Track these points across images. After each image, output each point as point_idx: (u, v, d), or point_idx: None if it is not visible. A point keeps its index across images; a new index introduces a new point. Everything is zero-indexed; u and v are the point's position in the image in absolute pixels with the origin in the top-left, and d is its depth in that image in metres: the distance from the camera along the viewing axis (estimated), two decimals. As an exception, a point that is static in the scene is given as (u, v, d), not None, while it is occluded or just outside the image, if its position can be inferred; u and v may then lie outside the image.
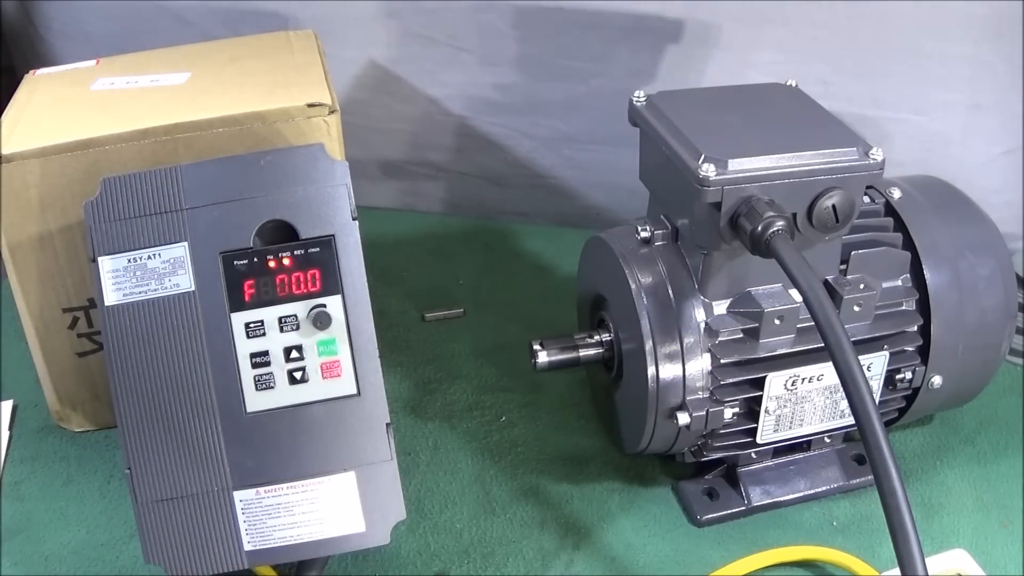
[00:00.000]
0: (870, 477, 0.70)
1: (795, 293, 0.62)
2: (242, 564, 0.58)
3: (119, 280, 0.58)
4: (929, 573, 0.45)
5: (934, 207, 0.70)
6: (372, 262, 0.60)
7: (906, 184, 0.71)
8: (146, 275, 0.58)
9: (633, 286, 0.65)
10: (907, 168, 0.76)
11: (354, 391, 0.59)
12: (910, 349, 0.67)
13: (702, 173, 0.57)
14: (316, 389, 0.59)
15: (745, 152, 0.58)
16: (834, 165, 0.59)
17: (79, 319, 0.72)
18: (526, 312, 0.91)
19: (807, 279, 0.52)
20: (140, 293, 0.58)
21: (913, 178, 0.74)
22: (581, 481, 0.73)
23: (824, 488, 0.71)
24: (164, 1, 0.98)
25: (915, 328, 0.67)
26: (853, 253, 0.65)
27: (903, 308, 0.67)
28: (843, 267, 0.65)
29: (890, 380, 0.68)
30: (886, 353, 0.66)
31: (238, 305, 0.58)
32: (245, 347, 0.58)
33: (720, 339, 0.64)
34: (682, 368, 0.63)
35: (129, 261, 0.58)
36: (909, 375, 0.67)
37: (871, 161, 0.59)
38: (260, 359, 0.58)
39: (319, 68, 0.74)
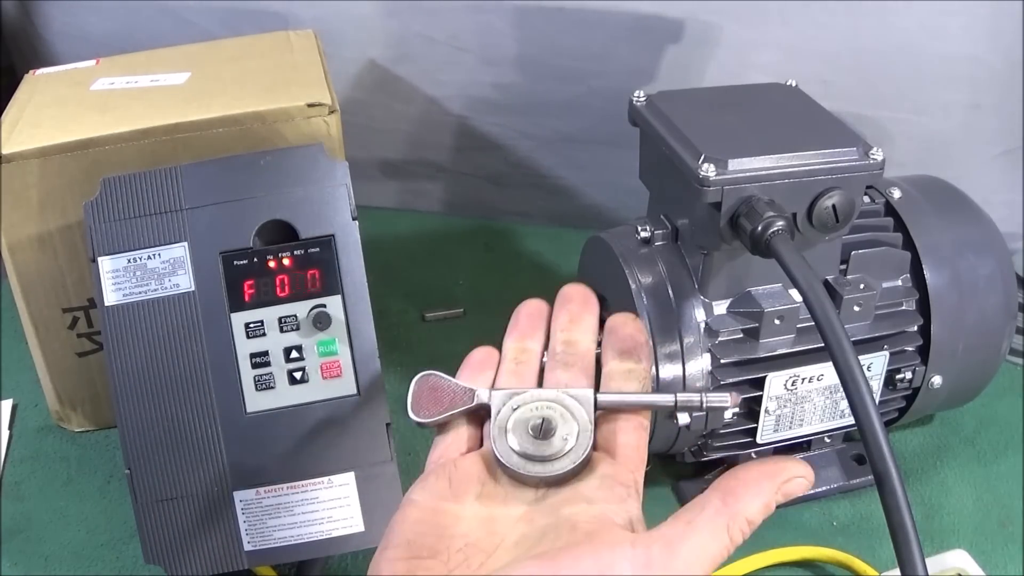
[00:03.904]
0: (870, 477, 0.70)
1: (795, 293, 0.62)
2: (242, 564, 0.58)
3: (119, 280, 0.58)
4: (929, 573, 0.45)
5: (934, 207, 0.70)
6: (372, 262, 0.60)
7: (906, 184, 0.71)
8: (146, 275, 0.58)
9: (633, 286, 0.65)
10: (907, 168, 0.76)
11: (354, 391, 0.59)
12: (910, 349, 0.67)
13: (702, 173, 0.57)
14: (316, 389, 0.59)
15: (745, 152, 0.58)
16: (834, 165, 0.59)
17: (79, 319, 0.72)
18: (526, 312, 0.91)
19: (807, 279, 0.52)
20: (140, 293, 0.58)
21: (913, 178, 0.74)
22: (581, 481, 0.73)
23: (824, 488, 0.71)
24: (164, 1, 0.98)
25: (915, 328, 0.67)
26: (853, 253, 0.65)
27: (903, 308, 0.67)
28: (843, 267, 0.65)
29: (890, 380, 0.68)
30: (886, 353, 0.66)
31: (238, 305, 0.58)
32: (245, 347, 0.58)
33: (720, 339, 0.64)
34: (682, 368, 0.63)
35: (129, 261, 0.58)
36: (909, 375, 0.67)
37: (871, 161, 0.59)
38: (260, 359, 0.58)
39: (319, 68, 0.74)
